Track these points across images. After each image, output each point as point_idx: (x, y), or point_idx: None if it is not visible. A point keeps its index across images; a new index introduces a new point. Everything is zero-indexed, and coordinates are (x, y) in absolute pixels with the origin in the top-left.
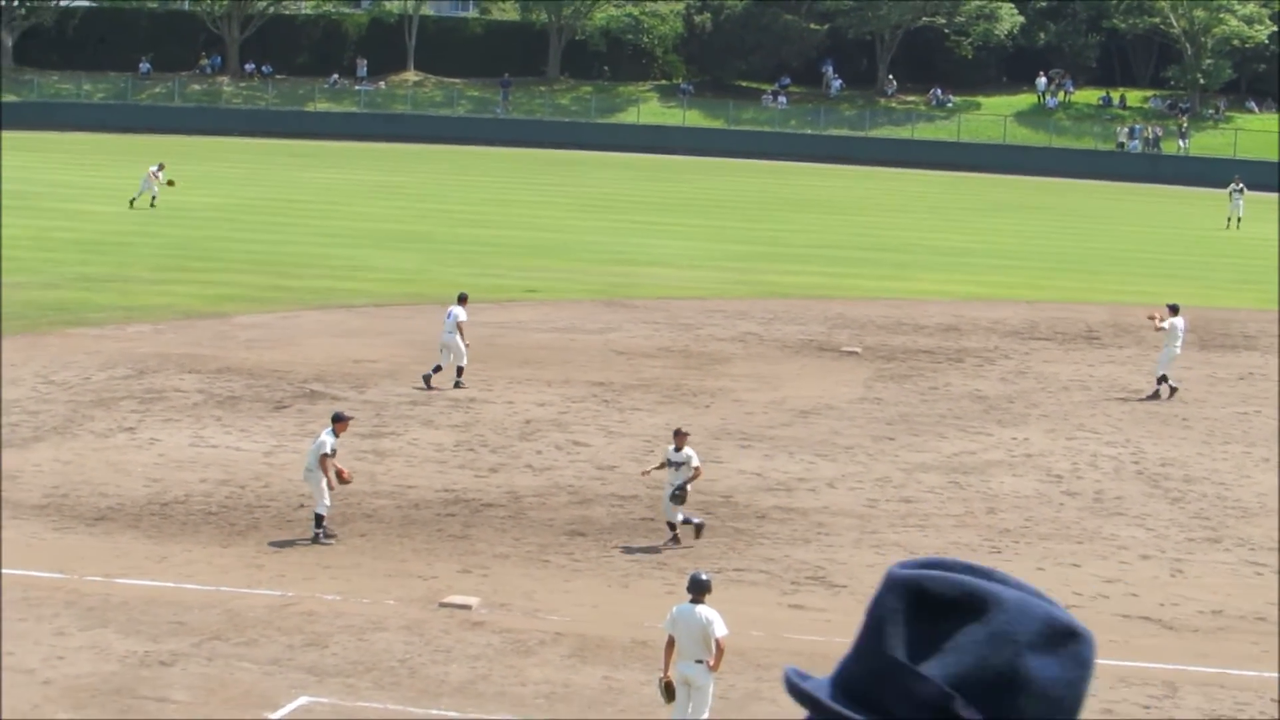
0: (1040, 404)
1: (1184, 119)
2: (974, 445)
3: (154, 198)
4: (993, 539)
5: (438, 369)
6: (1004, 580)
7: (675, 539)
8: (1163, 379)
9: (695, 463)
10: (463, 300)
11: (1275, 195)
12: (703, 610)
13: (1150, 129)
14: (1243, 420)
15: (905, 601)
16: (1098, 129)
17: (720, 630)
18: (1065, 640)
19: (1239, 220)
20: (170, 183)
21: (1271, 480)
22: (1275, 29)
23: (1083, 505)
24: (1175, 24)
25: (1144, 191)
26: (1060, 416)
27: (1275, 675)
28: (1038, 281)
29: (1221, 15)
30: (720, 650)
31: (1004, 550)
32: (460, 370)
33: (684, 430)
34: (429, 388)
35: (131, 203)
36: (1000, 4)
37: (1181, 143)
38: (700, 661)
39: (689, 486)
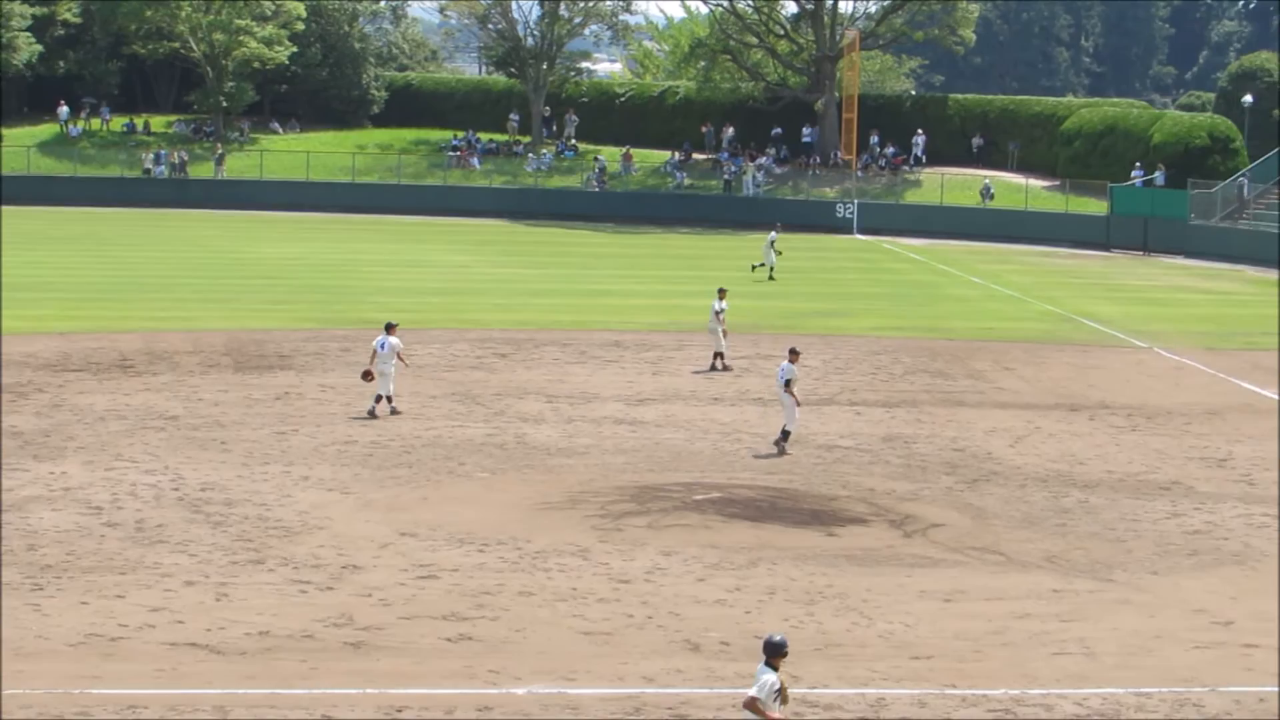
0: (77, 436)
1: (220, 145)
2: (11, 482)
3: None
4: (34, 576)
5: None
6: None
7: None
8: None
9: None
10: None
11: (301, 214)
12: None
13: (176, 154)
14: (281, 440)
15: None
16: (123, 156)
17: None
18: None
19: (772, 269)
20: None
21: (312, 498)
22: (295, 50)
23: (125, 535)
24: (196, 48)
25: (173, 217)
26: (98, 447)
27: (378, 691)
28: (69, 313)
29: (242, 38)
30: None
31: (46, 587)
32: None
33: None
34: None
35: None
36: (18, 34)
37: (218, 168)
38: None
39: None
